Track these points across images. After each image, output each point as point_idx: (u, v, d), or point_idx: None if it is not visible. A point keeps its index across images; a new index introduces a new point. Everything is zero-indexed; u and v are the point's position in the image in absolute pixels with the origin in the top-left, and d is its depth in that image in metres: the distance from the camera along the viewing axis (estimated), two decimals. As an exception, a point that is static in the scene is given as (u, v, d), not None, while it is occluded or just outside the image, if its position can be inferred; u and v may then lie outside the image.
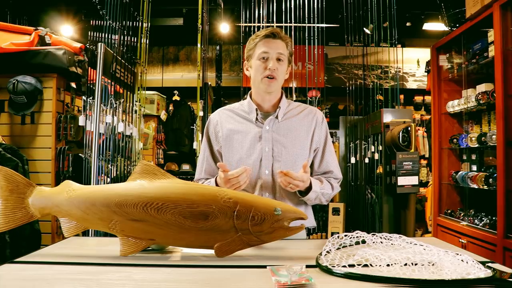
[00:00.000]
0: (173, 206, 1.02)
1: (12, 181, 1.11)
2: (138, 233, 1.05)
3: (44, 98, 2.75)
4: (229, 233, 1.03)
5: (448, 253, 0.95)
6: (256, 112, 1.47)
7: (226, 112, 1.53)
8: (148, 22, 3.49)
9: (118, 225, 1.05)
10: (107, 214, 1.05)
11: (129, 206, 1.03)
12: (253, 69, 1.45)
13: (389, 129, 3.69)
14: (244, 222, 1.02)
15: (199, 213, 1.02)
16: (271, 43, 1.40)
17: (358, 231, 1.13)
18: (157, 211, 1.02)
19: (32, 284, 0.85)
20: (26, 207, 1.11)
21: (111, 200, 1.05)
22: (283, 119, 1.48)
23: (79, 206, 1.07)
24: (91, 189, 1.11)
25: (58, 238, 2.70)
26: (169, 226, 1.03)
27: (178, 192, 1.04)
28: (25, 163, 2.44)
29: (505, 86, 2.22)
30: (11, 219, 1.10)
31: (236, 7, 5.34)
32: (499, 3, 2.22)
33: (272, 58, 1.40)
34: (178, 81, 6.61)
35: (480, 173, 2.59)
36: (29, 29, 2.80)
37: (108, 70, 2.66)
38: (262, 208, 1.03)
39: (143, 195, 1.04)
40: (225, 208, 1.02)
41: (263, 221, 1.03)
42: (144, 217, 1.03)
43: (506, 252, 2.17)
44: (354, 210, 4.53)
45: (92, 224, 1.09)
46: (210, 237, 1.04)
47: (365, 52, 4.72)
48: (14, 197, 1.11)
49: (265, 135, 1.45)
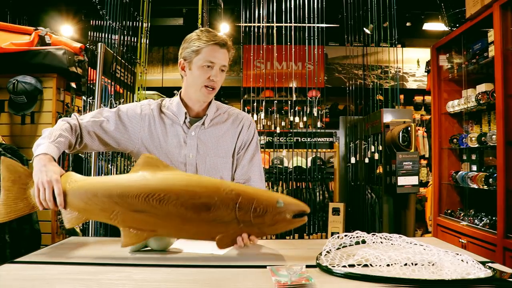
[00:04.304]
0: (175, 197, 1.01)
1: (15, 172, 1.11)
2: (140, 224, 1.04)
3: (44, 98, 2.75)
4: (231, 225, 1.03)
5: (448, 253, 0.95)
6: (184, 116, 1.41)
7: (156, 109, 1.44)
8: (148, 22, 3.49)
9: (120, 216, 1.04)
10: (108, 205, 1.04)
11: (131, 197, 1.03)
12: (192, 75, 1.36)
13: (389, 129, 3.69)
14: (246, 214, 1.02)
15: (201, 204, 1.01)
16: (218, 52, 1.33)
17: (358, 231, 1.13)
18: (159, 202, 1.01)
19: (32, 284, 0.85)
20: (28, 198, 1.11)
21: (113, 191, 1.04)
22: (210, 125, 1.44)
23: (81, 197, 1.06)
24: (93, 180, 1.10)
25: (58, 238, 2.70)
26: (171, 217, 1.02)
27: (181, 184, 1.04)
28: (25, 163, 2.44)
29: (505, 86, 2.22)
30: (13, 209, 1.10)
31: (236, 7, 5.35)
32: (499, 3, 2.22)
33: (216, 69, 1.34)
34: (178, 81, 6.57)
35: (480, 173, 2.59)
36: (29, 29, 2.80)
37: (108, 70, 2.66)
38: (264, 200, 1.03)
39: (145, 186, 1.03)
40: (227, 200, 1.01)
41: (265, 213, 1.02)
42: (146, 208, 1.02)
43: (506, 252, 2.16)
44: (354, 210, 4.54)
45: (94, 215, 1.09)
46: (212, 229, 1.03)
47: (365, 52, 4.72)
48: (16, 187, 1.11)
49: (190, 141, 1.40)
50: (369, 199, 4.09)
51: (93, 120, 1.35)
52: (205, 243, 1.25)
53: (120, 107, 1.42)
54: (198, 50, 1.33)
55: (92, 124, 1.34)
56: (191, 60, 1.35)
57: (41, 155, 1.13)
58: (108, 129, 1.36)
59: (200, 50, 1.33)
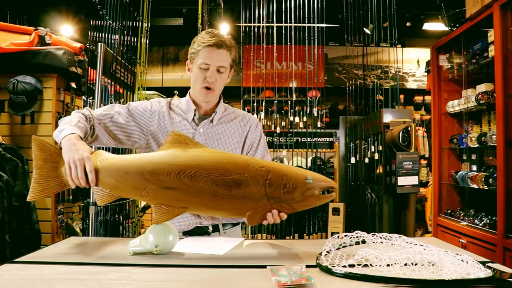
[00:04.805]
0: (206, 174, 1.03)
1: (46, 150, 1.13)
2: (171, 201, 1.06)
3: (44, 98, 2.74)
4: (261, 201, 1.04)
5: (448, 253, 0.95)
6: (194, 113, 1.45)
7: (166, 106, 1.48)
8: (148, 22, 3.49)
9: (151, 193, 1.06)
10: (140, 182, 1.06)
11: (162, 174, 1.04)
12: (193, 74, 1.41)
13: (389, 129, 3.69)
14: (276, 190, 1.03)
15: (231, 181, 1.02)
16: (213, 53, 1.35)
17: (358, 231, 1.13)
18: (190, 179, 1.03)
19: (32, 284, 0.85)
20: (59, 176, 1.13)
21: (144, 168, 1.05)
22: (218, 123, 1.47)
23: (112, 174, 1.08)
24: (124, 158, 1.11)
25: (58, 238, 2.70)
26: (202, 194, 1.03)
27: (211, 161, 1.05)
28: (25, 163, 2.44)
29: (505, 86, 2.22)
30: (45, 187, 1.12)
31: (236, 7, 5.35)
32: (499, 3, 2.22)
33: (212, 70, 1.37)
34: (178, 81, 6.61)
35: (480, 173, 2.59)
36: (29, 29, 2.80)
37: (108, 70, 2.66)
38: (294, 177, 1.04)
39: (176, 163, 1.04)
40: (257, 176, 1.03)
41: (294, 189, 1.03)
42: (178, 185, 1.04)
43: (506, 252, 2.17)
44: (354, 210, 4.54)
45: (125, 193, 1.11)
46: (243, 205, 1.05)
47: (365, 52, 4.73)
48: (48, 165, 1.12)
49: (198, 138, 1.43)
50: (369, 199, 4.09)
51: (105, 113, 1.37)
52: (205, 244, 1.25)
53: (130, 103, 1.46)
54: (197, 52, 1.38)
55: (104, 117, 1.36)
56: (193, 61, 1.41)
57: (69, 135, 1.15)
58: (119, 123, 1.38)
59: (198, 52, 1.37)
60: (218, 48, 1.36)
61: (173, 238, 1.12)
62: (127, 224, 3.00)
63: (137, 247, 1.10)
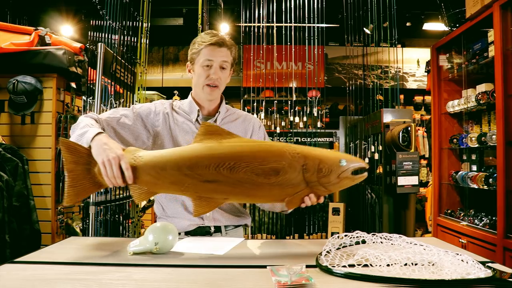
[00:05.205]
0: (245, 164, 1.03)
1: (75, 152, 1.11)
2: (212, 194, 1.07)
3: (44, 98, 2.74)
4: (299, 186, 1.06)
5: (448, 253, 0.95)
6: (197, 113, 1.46)
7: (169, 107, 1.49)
8: (148, 22, 3.48)
9: (191, 188, 1.06)
10: (178, 177, 1.06)
11: (201, 168, 1.04)
12: (195, 75, 1.43)
13: (389, 129, 3.68)
14: (312, 175, 1.05)
15: (270, 169, 1.03)
16: (215, 51, 1.38)
17: (358, 231, 1.13)
18: (230, 170, 1.03)
19: (32, 284, 0.85)
20: (93, 177, 1.12)
21: (182, 163, 1.05)
22: (221, 123, 1.48)
23: (149, 172, 1.08)
24: (159, 154, 1.10)
25: (58, 238, 2.70)
26: (242, 184, 1.04)
27: (248, 151, 1.06)
28: (25, 163, 2.44)
29: (505, 86, 2.22)
30: (80, 190, 1.11)
31: (236, 7, 5.35)
32: (499, 3, 2.22)
33: (215, 67, 1.39)
34: (178, 81, 6.62)
35: (480, 173, 2.59)
36: (29, 29, 2.80)
37: (108, 70, 2.65)
38: (329, 161, 1.06)
39: (214, 156, 1.05)
40: (294, 163, 1.04)
41: (330, 172, 1.05)
42: (217, 178, 1.04)
43: (506, 252, 2.17)
44: (354, 210, 4.53)
45: (163, 189, 1.11)
46: (281, 191, 1.06)
47: (365, 52, 4.72)
48: (80, 168, 1.11)
49: None
50: (369, 199, 4.09)
51: (112, 117, 1.38)
52: (205, 244, 1.25)
53: (134, 105, 1.48)
54: (198, 51, 1.40)
55: (111, 120, 1.37)
56: (194, 61, 1.43)
57: (98, 136, 1.13)
58: (126, 124, 1.39)
59: (200, 51, 1.40)
60: (220, 46, 1.39)
61: (173, 237, 1.12)
62: (127, 224, 3.00)
63: (137, 247, 1.10)
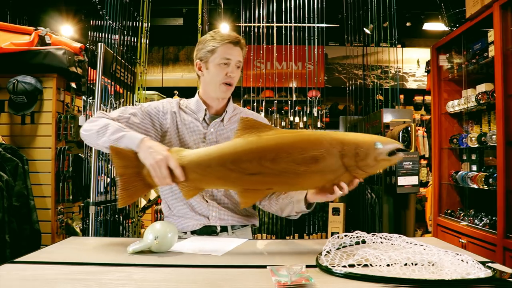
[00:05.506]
0: (286, 155, 1.06)
1: (124, 157, 1.17)
2: (256, 185, 1.10)
3: (44, 98, 2.75)
4: (338, 171, 1.08)
5: (448, 253, 0.95)
6: (204, 112, 1.46)
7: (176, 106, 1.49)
8: (148, 22, 3.48)
9: (237, 181, 1.10)
10: (224, 173, 1.09)
11: (244, 162, 1.07)
12: (211, 72, 1.40)
13: (389, 129, 3.68)
14: (350, 160, 1.07)
15: (310, 158, 1.06)
16: (233, 50, 1.39)
17: (358, 231, 1.13)
18: (272, 162, 1.06)
19: (32, 284, 0.85)
20: (143, 179, 1.17)
21: (225, 159, 1.09)
22: (228, 123, 1.48)
23: (195, 170, 1.12)
24: (202, 152, 1.14)
25: (58, 238, 2.70)
26: (285, 174, 1.07)
27: (288, 141, 1.09)
28: (25, 163, 2.44)
29: (505, 86, 2.22)
30: (133, 192, 1.17)
31: (236, 7, 5.35)
32: (499, 3, 2.22)
33: (232, 66, 1.39)
34: (178, 81, 6.62)
35: (480, 173, 2.59)
36: (29, 29, 2.80)
37: (108, 70, 2.65)
38: (365, 144, 1.08)
39: (255, 150, 1.08)
40: (332, 149, 1.06)
41: (367, 155, 1.07)
42: (261, 170, 1.07)
43: (506, 252, 2.17)
44: (354, 210, 4.53)
45: (210, 184, 1.16)
46: (323, 178, 1.10)
47: (365, 52, 4.72)
48: (130, 171, 1.17)
49: (209, 137, 1.44)
50: (369, 199, 4.09)
51: (122, 116, 1.38)
52: (206, 244, 1.25)
53: (142, 104, 1.48)
54: (214, 49, 1.39)
55: (121, 119, 1.38)
56: (207, 59, 1.41)
57: (143, 140, 1.17)
58: (135, 123, 1.40)
59: (216, 49, 1.39)
60: (235, 45, 1.39)
61: (172, 235, 1.12)
62: (127, 224, 3.00)
63: (137, 245, 1.10)
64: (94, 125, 1.27)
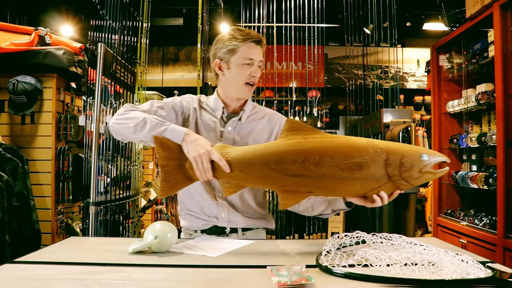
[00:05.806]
0: (330, 159, 1.05)
1: (168, 148, 1.18)
2: (297, 187, 1.10)
3: (44, 98, 2.74)
4: (381, 180, 1.07)
5: (448, 253, 0.95)
6: (222, 111, 1.45)
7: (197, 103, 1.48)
8: (148, 22, 3.49)
9: (278, 182, 1.10)
10: (266, 172, 1.09)
11: (288, 163, 1.07)
12: (233, 72, 1.38)
13: (389, 129, 3.68)
14: (394, 170, 1.06)
15: (354, 164, 1.05)
16: (256, 49, 1.37)
17: (358, 231, 1.13)
18: (315, 165, 1.06)
19: (32, 284, 0.85)
20: (185, 172, 1.18)
21: (269, 159, 1.09)
22: (246, 121, 1.46)
23: (238, 167, 1.12)
24: (247, 150, 1.14)
25: (58, 238, 2.70)
26: (327, 178, 1.06)
27: (332, 146, 1.08)
28: (25, 163, 2.44)
29: (505, 86, 2.22)
30: (174, 184, 1.19)
31: (236, 7, 5.35)
32: (499, 3, 2.22)
33: (255, 65, 1.37)
34: (178, 81, 6.62)
35: (480, 173, 2.59)
36: (29, 29, 2.80)
37: (108, 70, 2.65)
38: (411, 155, 1.07)
39: (300, 152, 1.07)
40: (377, 157, 1.05)
41: (412, 167, 1.06)
42: (303, 172, 1.07)
43: (506, 252, 2.17)
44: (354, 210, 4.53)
45: (251, 183, 1.17)
46: (365, 186, 1.08)
47: (365, 52, 4.72)
48: (172, 163, 1.18)
49: (226, 136, 1.42)
50: (369, 199, 4.08)
51: (151, 109, 1.38)
52: (206, 244, 1.25)
53: (165, 100, 1.47)
54: (235, 49, 1.36)
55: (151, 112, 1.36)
56: (229, 59, 1.38)
57: (187, 133, 1.18)
58: (162, 115, 1.38)
59: (237, 48, 1.36)
60: (257, 44, 1.38)
61: (172, 235, 1.12)
62: (127, 224, 3.00)
63: (137, 245, 1.10)
64: (128, 118, 1.26)
